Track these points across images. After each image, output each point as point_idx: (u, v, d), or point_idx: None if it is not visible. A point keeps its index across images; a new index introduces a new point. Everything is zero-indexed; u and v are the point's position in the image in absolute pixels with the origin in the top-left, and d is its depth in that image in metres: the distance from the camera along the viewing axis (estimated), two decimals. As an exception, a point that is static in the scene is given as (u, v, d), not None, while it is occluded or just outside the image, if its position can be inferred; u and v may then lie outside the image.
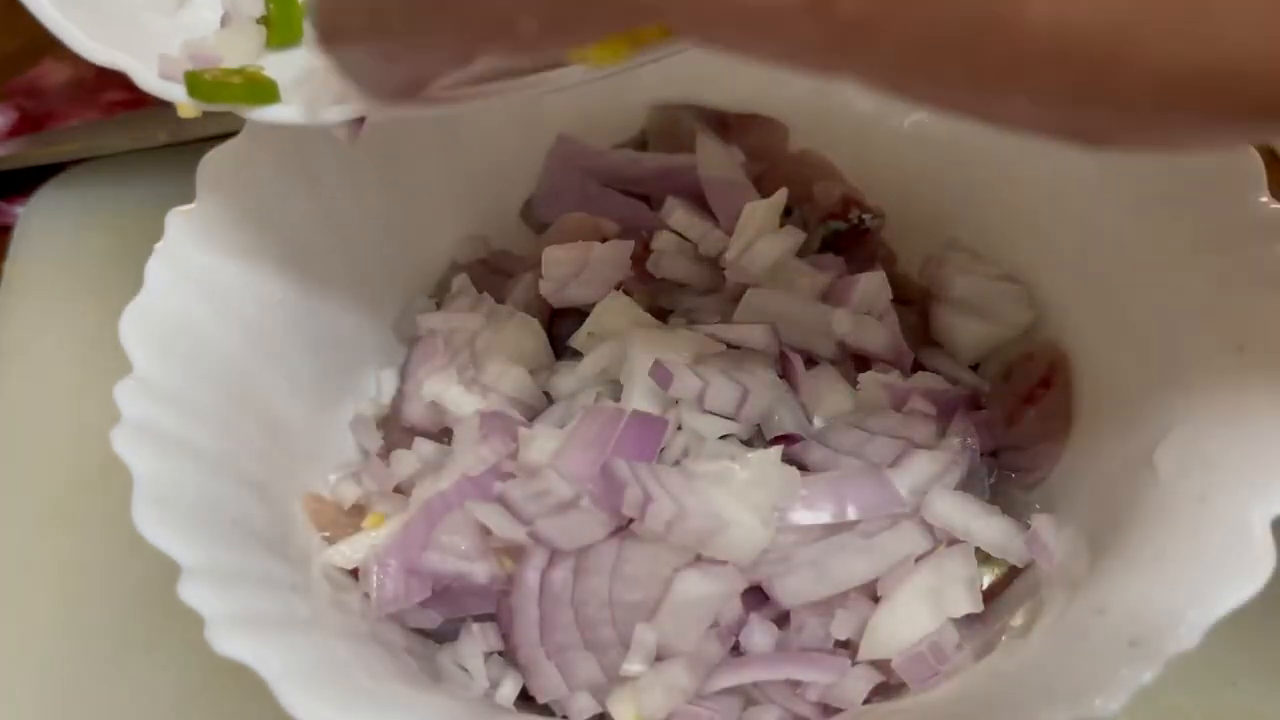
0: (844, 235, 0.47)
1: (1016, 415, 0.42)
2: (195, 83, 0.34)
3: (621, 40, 0.24)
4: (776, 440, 0.40)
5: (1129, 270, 0.40)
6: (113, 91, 0.68)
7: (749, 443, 0.41)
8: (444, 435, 0.43)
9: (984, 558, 0.39)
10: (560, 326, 0.45)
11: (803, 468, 0.39)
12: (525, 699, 0.39)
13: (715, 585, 0.37)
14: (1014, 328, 0.44)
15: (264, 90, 0.34)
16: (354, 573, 0.39)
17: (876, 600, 0.38)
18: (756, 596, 0.38)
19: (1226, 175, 0.37)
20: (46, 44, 0.70)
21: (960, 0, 0.18)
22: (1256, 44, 0.18)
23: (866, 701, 0.37)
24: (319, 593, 0.37)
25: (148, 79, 0.35)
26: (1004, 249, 0.45)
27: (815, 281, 0.43)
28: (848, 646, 0.38)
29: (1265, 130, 0.20)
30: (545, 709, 0.38)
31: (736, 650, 0.38)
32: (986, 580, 0.40)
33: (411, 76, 0.28)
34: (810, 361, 0.42)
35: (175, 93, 0.35)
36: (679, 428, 0.40)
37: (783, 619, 0.38)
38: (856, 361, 0.43)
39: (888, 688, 0.37)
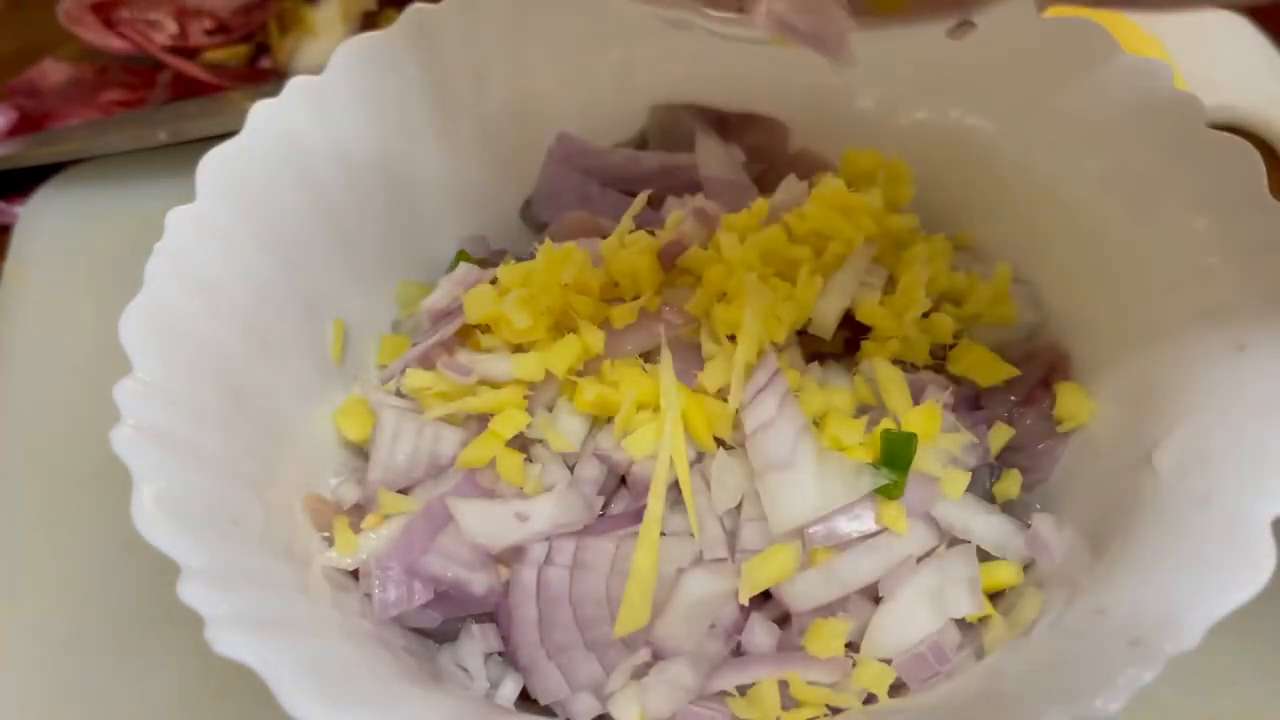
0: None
1: (1016, 415, 0.42)
2: None
3: None
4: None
5: (1130, 270, 0.40)
6: (112, 91, 0.68)
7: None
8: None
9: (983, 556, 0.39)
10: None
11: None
12: (526, 699, 0.39)
13: (719, 584, 0.37)
14: (1019, 329, 0.44)
15: None
16: (354, 573, 0.39)
17: (877, 601, 0.38)
18: (757, 596, 0.38)
19: (1227, 174, 0.37)
20: (46, 44, 0.71)
21: None
22: None
23: (867, 702, 0.37)
24: (319, 593, 0.37)
25: None
26: (1005, 249, 0.45)
27: None
28: (849, 647, 0.38)
29: None
30: (547, 710, 0.38)
31: (738, 650, 0.38)
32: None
33: None
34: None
35: None
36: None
37: (783, 619, 0.38)
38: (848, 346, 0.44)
39: (888, 687, 0.37)
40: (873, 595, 0.38)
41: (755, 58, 0.47)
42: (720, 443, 0.40)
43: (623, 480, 0.41)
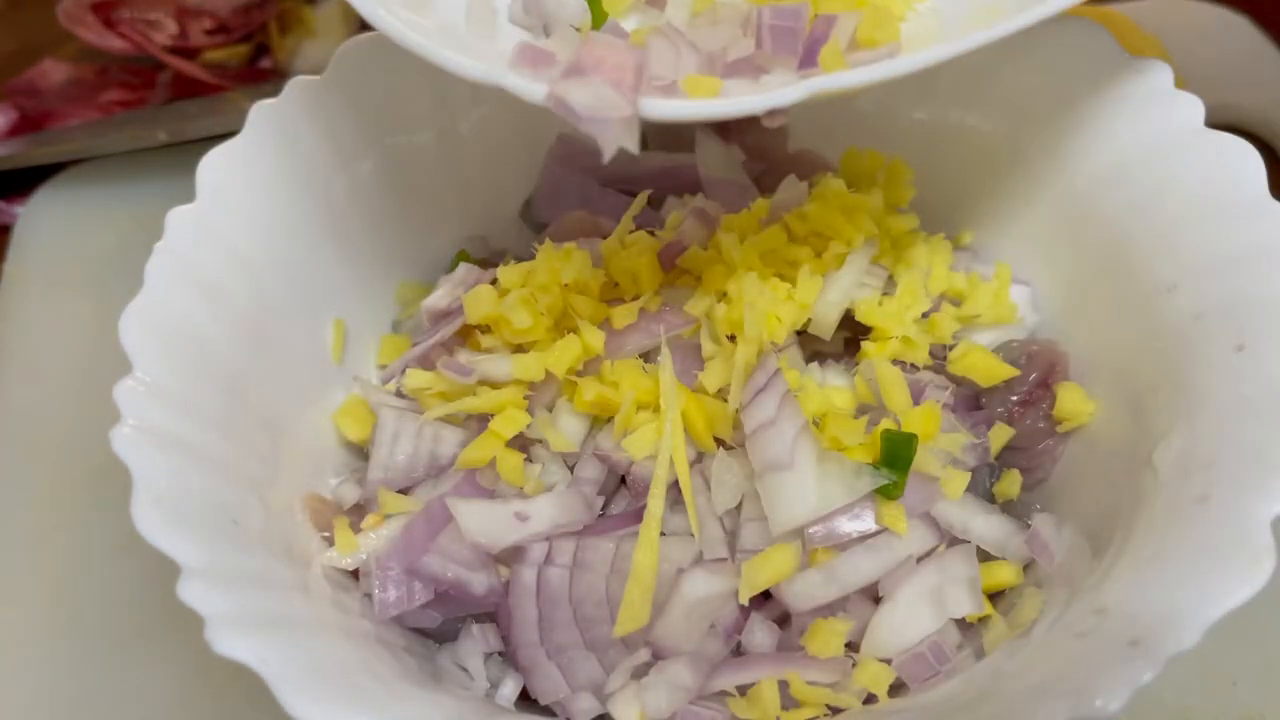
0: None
1: (1016, 415, 0.42)
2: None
3: None
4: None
5: (1129, 271, 0.40)
6: (112, 91, 0.68)
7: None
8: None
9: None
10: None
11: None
12: (526, 699, 0.39)
13: (719, 584, 0.37)
14: (1019, 329, 0.44)
15: None
16: (354, 573, 0.39)
17: (877, 601, 0.38)
18: (757, 596, 0.38)
19: (1227, 174, 0.37)
20: (46, 44, 0.71)
21: None
22: None
23: (867, 702, 0.37)
24: (319, 593, 0.37)
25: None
26: (1005, 249, 0.45)
27: None
28: (849, 647, 0.38)
29: None
30: (547, 710, 0.38)
31: (738, 650, 0.38)
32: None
33: None
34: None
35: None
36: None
37: (783, 619, 0.38)
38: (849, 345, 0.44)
39: (888, 687, 0.37)
40: (873, 595, 0.38)
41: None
42: (720, 443, 0.40)
43: (623, 480, 0.41)
